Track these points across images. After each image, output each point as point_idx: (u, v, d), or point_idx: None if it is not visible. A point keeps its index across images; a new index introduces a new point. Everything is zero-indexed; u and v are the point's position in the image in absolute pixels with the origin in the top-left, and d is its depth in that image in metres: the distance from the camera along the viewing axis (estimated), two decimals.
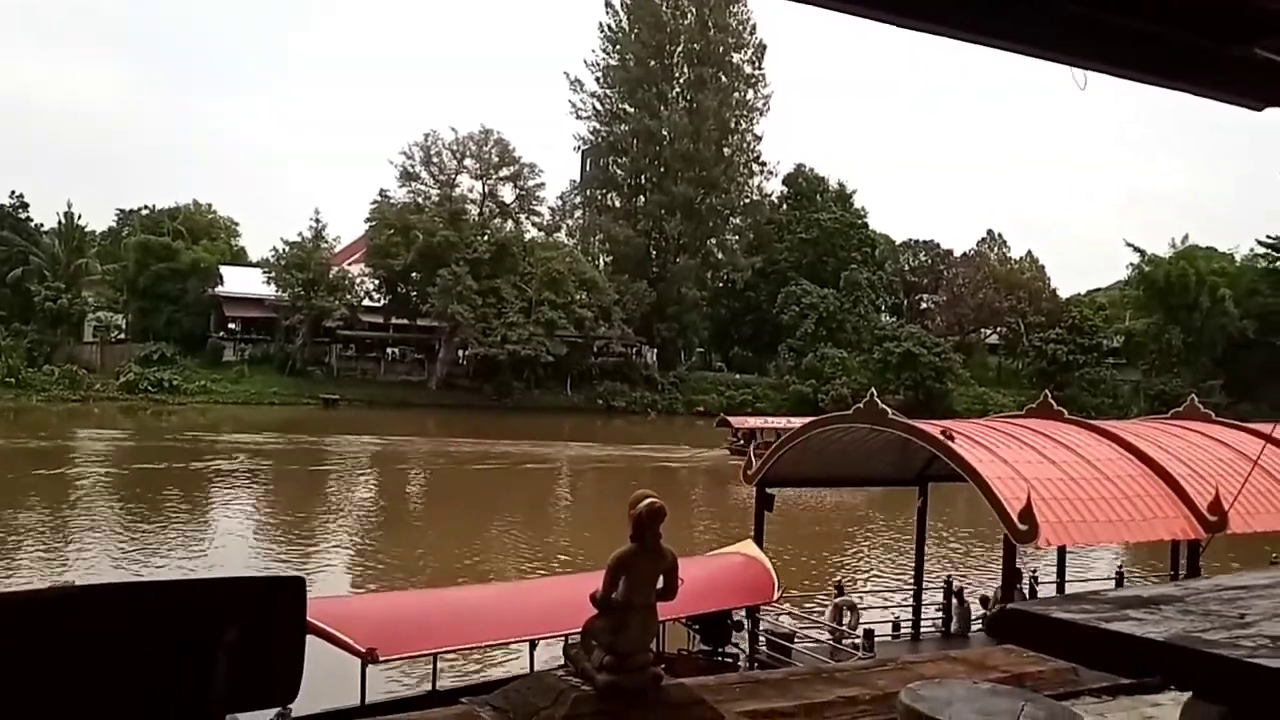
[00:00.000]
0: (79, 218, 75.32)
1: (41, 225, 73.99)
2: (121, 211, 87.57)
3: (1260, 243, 76.61)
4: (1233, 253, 79.38)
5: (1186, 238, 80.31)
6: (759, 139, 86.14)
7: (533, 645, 14.11)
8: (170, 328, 70.44)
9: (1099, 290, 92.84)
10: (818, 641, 18.73)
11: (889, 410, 18.07)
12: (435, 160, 75.72)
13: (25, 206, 72.85)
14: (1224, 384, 69.98)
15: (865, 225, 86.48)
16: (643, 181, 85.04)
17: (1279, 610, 2.62)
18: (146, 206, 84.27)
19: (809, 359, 76.22)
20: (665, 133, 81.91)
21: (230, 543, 28.53)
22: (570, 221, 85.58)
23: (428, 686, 14.76)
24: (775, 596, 17.30)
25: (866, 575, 27.37)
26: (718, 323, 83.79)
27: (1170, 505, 16.64)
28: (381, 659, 12.30)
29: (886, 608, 20.98)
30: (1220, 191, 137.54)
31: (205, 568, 24.56)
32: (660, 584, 4.85)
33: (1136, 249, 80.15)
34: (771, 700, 5.15)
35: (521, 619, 14.31)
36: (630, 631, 4.74)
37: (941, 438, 16.74)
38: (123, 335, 72.21)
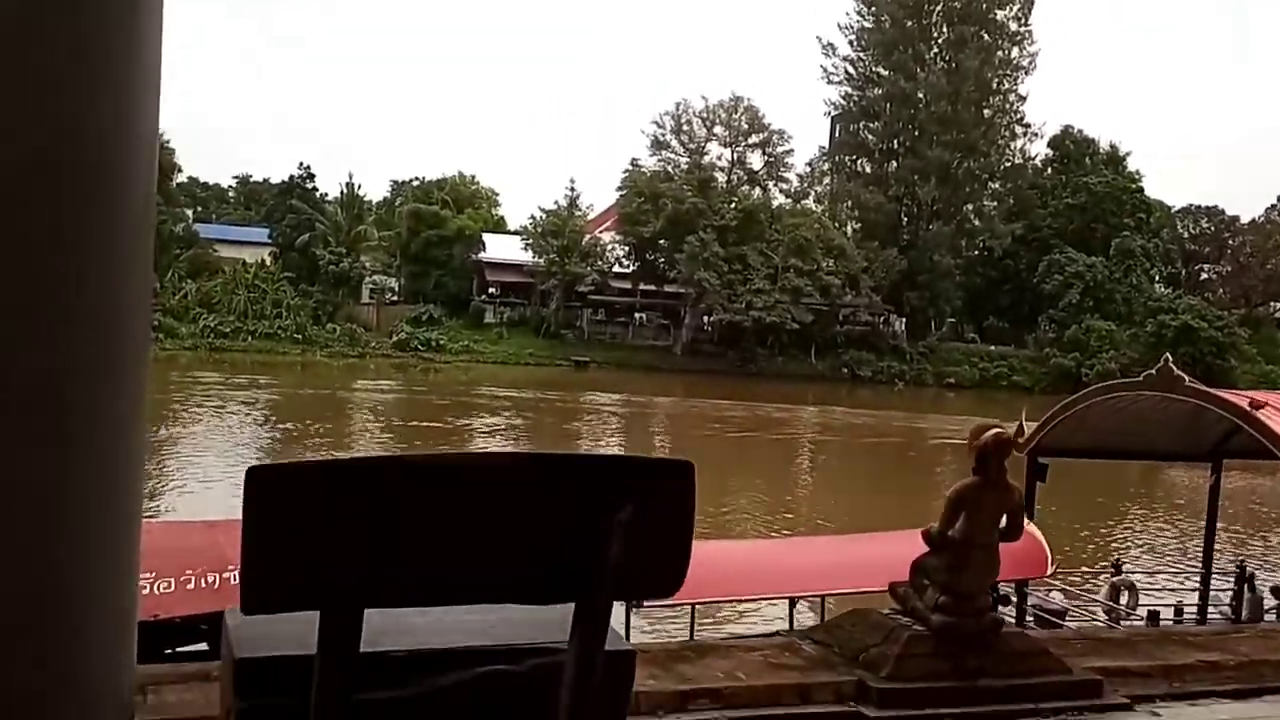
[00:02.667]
0: (358, 188, 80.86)
1: (326, 195, 79.87)
2: (395, 182, 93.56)
3: None
4: None
5: None
6: (1023, 99, 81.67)
7: (792, 603, 13.92)
8: (437, 290, 74.54)
9: None
10: (1092, 621, 17.61)
11: (1185, 377, 16.60)
12: (685, 128, 76.26)
13: (312, 177, 78.76)
14: None
15: (1140, 190, 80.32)
16: (895, 146, 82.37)
17: None
18: (417, 178, 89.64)
19: (1072, 331, 71.87)
20: (921, 95, 78.95)
21: None
22: (818, 188, 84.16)
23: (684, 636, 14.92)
24: (1049, 571, 16.35)
25: (1147, 555, 25.54)
26: (971, 292, 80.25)
27: None
28: (645, 604, 12.48)
29: (1168, 589, 19.46)
30: None
31: None
32: (1004, 523, 4.49)
33: None
34: (1120, 658, 4.69)
35: (779, 576, 14.15)
36: (970, 571, 4.40)
37: (1248, 408, 15.23)
38: (396, 297, 77.07)
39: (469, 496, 2.64)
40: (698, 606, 14.36)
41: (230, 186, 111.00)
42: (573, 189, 75.81)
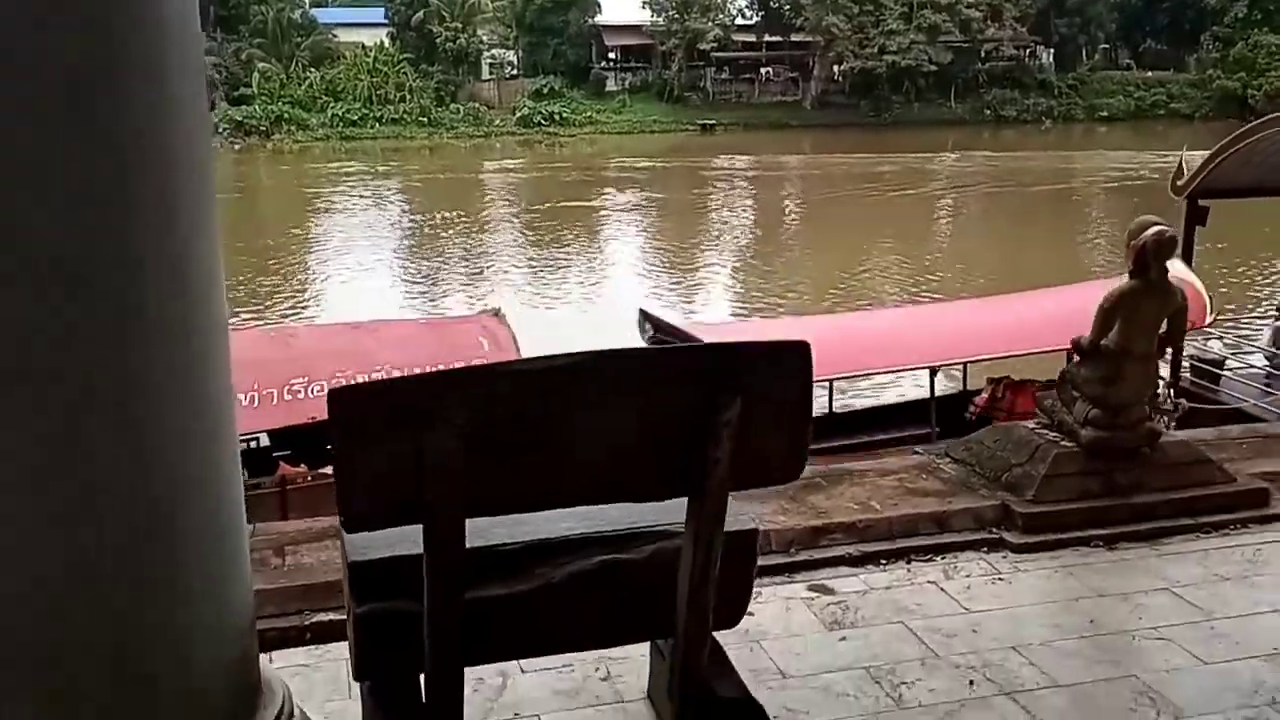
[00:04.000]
0: None
1: None
2: None
3: None
4: None
5: None
6: None
7: (933, 373, 13.66)
8: (556, 60, 72.80)
9: None
10: (1253, 367, 16.85)
11: None
12: None
13: None
14: None
15: None
16: None
17: None
18: None
19: (1239, 48, 65.69)
20: None
21: (619, 267, 30.03)
22: None
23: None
24: (1208, 320, 15.56)
25: None
26: (1127, 13, 73.72)
27: None
28: None
29: None
30: None
31: (597, 294, 26.06)
32: (1164, 329, 4.09)
33: None
34: None
35: (921, 346, 13.87)
36: (1125, 383, 4.04)
37: None
38: (515, 71, 75.72)
39: (569, 400, 2.50)
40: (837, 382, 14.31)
41: None
42: None
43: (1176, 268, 16.29)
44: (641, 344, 13.66)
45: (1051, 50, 70.73)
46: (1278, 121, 16.63)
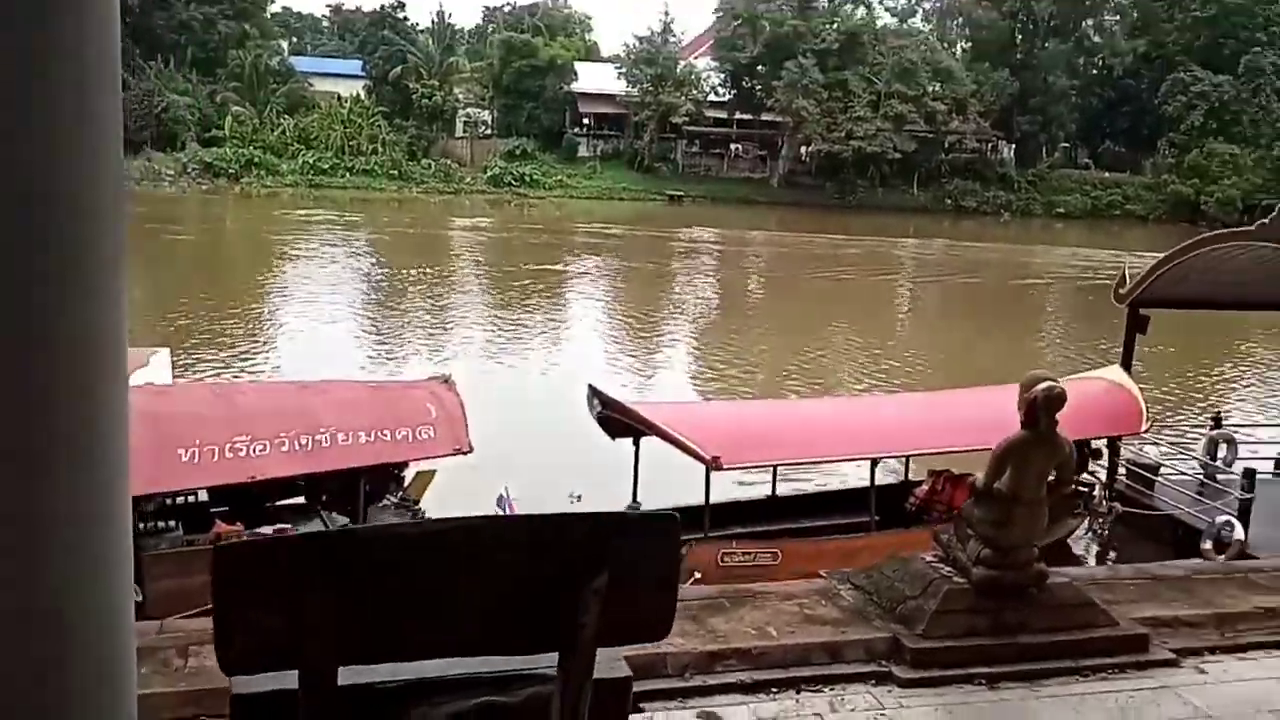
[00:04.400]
0: (449, 16, 79.48)
1: (417, 24, 78.76)
2: (487, 9, 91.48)
3: None
4: None
5: None
6: None
7: (874, 463, 13.88)
8: (530, 124, 73.69)
9: None
10: (1185, 475, 17.25)
11: None
12: None
13: (402, 6, 77.48)
14: None
15: (1276, 1, 74.11)
16: None
17: None
18: (509, 2, 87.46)
19: (1193, 156, 67.96)
20: None
21: (580, 335, 30.23)
22: (926, 5, 79.66)
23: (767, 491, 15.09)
24: (1144, 428, 15.97)
25: (1248, 409, 24.72)
26: (1087, 115, 76.08)
27: None
28: (726, 466, 12.62)
29: (1272, 444, 18.83)
30: None
31: (556, 362, 26.21)
32: (1053, 477, 4.31)
33: None
34: (1174, 605, 4.52)
35: (864, 436, 14.12)
36: (1015, 526, 4.25)
37: None
38: (489, 131, 76.54)
39: (446, 564, 2.64)
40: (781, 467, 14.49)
41: (324, 16, 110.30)
42: (667, 13, 73.45)
43: (1115, 374, 16.81)
44: (591, 419, 13.84)
45: (1013, 145, 72.70)
46: (1213, 240, 17.32)
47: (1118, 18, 77.18)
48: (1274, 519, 15.56)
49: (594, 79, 73.83)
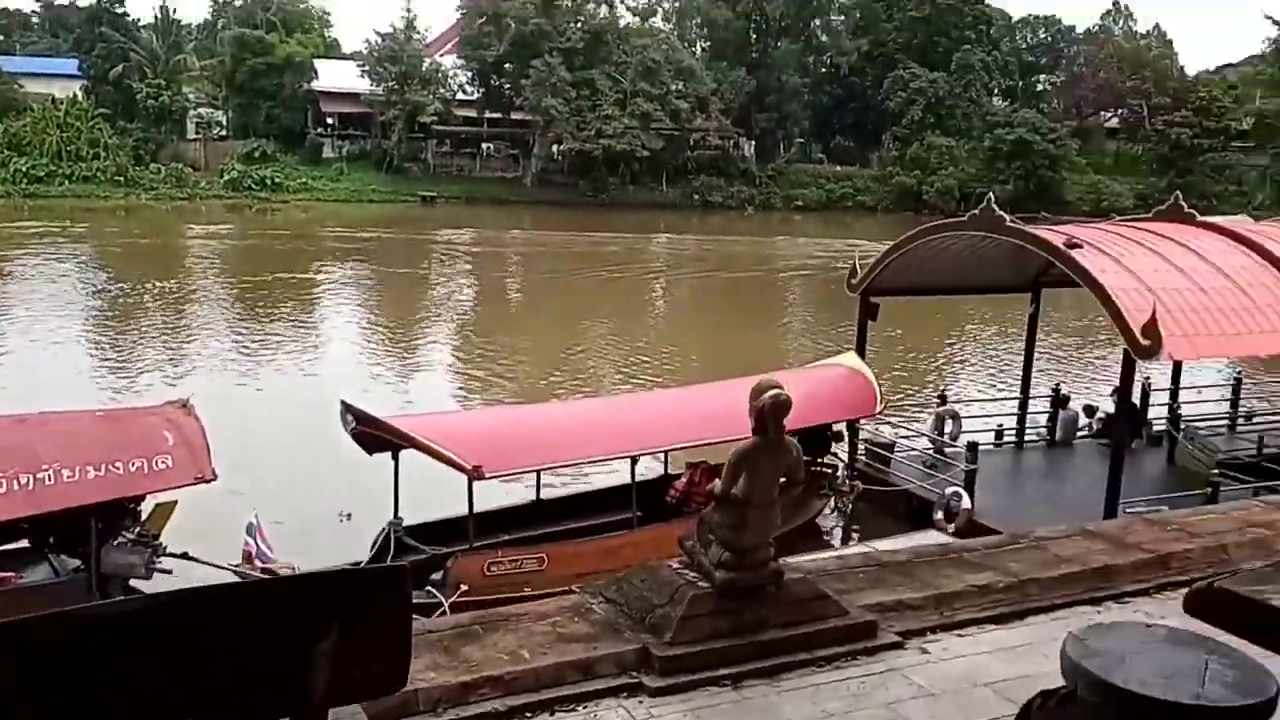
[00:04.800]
0: (174, 11, 74.75)
1: (138, 20, 73.67)
2: (215, 3, 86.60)
3: None
4: None
5: None
6: None
7: (634, 461, 14.19)
8: (269, 124, 70.45)
9: (1230, 66, 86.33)
10: (917, 451, 18.59)
11: (1006, 217, 17.13)
12: None
13: (121, 1, 72.25)
14: None
15: (980, 0, 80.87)
16: None
17: None
18: None
19: (914, 149, 73.21)
20: None
21: (335, 346, 29.28)
22: (666, 5, 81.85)
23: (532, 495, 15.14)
24: (878, 410, 17.09)
25: (971, 383, 26.92)
26: (819, 112, 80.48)
27: None
28: (488, 475, 12.56)
29: (991, 416, 20.59)
30: None
31: (312, 375, 25.29)
32: (784, 480, 4.56)
33: (1276, 21, 73.63)
34: (898, 590, 4.87)
35: (622, 435, 14.41)
36: (750, 528, 4.47)
37: (1063, 247, 15.86)
38: (224, 132, 72.66)
39: (163, 637, 2.49)
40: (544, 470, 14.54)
41: (34, 12, 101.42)
42: (409, 9, 72.00)
43: (851, 360, 17.81)
44: (347, 436, 13.41)
45: (753, 142, 75.93)
46: (930, 231, 18.72)
47: (842, 18, 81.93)
48: (996, 486, 17.05)
49: (336, 77, 71.49)
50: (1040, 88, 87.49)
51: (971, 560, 5.41)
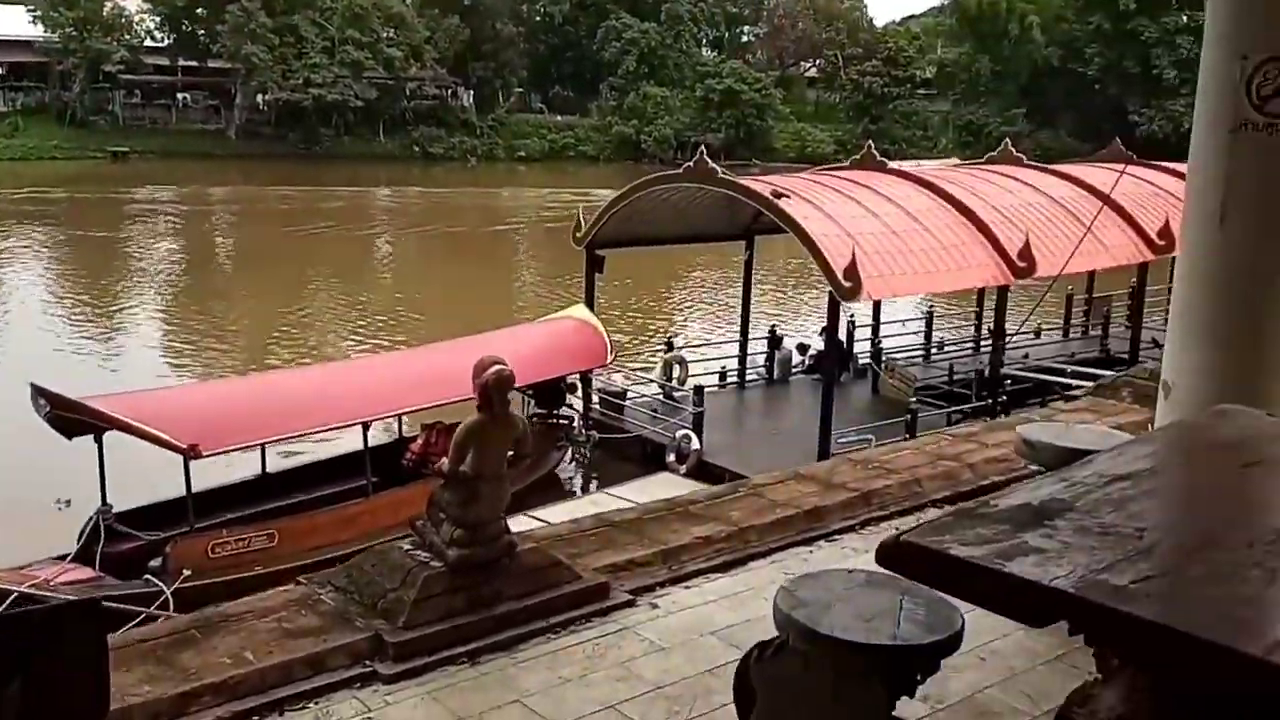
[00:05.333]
0: None
1: None
2: None
3: None
4: None
5: None
6: None
7: (365, 426, 13.81)
8: None
9: (914, 18, 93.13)
10: (649, 397, 19.18)
11: (718, 169, 17.82)
12: None
13: None
14: (1027, 113, 72.35)
15: None
16: None
17: (1172, 517, 2.52)
18: None
19: (630, 99, 74.48)
20: None
21: (32, 321, 26.62)
22: None
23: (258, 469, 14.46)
24: (609, 360, 17.47)
25: (699, 329, 27.93)
26: (537, 61, 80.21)
27: (984, 253, 17.29)
28: (205, 454, 11.91)
29: (715, 359, 21.47)
30: None
31: (6, 357, 22.94)
32: (511, 453, 4.55)
33: None
34: (628, 549, 5.00)
35: (351, 401, 13.99)
36: (481, 503, 4.43)
37: (770, 197, 16.69)
38: None
39: None
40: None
41: None
42: None
43: (581, 312, 18.06)
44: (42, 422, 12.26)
45: (472, 92, 74.75)
46: (649, 184, 19.18)
47: None
48: (723, 425, 17.85)
49: (3, 24, 64.16)
50: (745, 39, 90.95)
51: (696, 513, 5.65)
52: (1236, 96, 4.44)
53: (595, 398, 18.64)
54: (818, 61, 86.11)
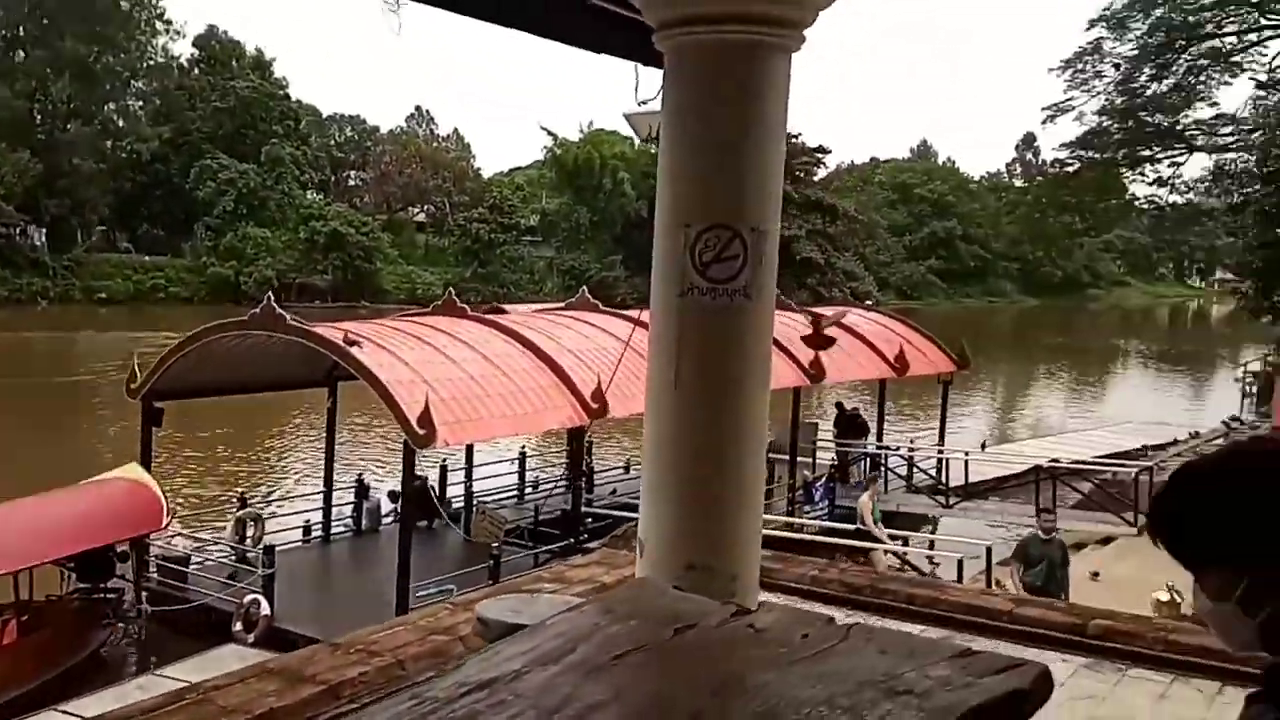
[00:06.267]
0: None
1: None
2: None
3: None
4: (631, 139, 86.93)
5: (592, 123, 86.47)
6: None
7: None
8: None
9: (519, 169, 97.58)
10: (220, 563, 17.66)
11: (286, 316, 17.12)
12: None
13: None
14: (623, 259, 77.39)
15: (287, 96, 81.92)
16: (21, 34, 72.81)
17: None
18: None
19: (229, 239, 71.47)
20: None
21: None
22: None
23: None
24: (165, 523, 15.94)
25: (281, 481, 26.47)
26: (122, 198, 75.08)
27: (560, 395, 17.73)
28: None
29: (299, 513, 20.34)
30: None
31: None
32: None
33: (550, 132, 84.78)
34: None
35: None
36: None
37: (343, 344, 16.27)
38: None
39: None
40: None
41: None
42: None
43: (134, 472, 16.41)
44: None
45: (44, 230, 68.46)
46: (213, 331, 18.08)
47: (140, 103, 77.87)
48: (303, 584, 16.74)
49: None
50: (352, 182, 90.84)
51: (282, 667, 4.86)
52: (683, 262, 4.68)
53: (153, 565, 16.93)
54: (426, 207, 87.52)
